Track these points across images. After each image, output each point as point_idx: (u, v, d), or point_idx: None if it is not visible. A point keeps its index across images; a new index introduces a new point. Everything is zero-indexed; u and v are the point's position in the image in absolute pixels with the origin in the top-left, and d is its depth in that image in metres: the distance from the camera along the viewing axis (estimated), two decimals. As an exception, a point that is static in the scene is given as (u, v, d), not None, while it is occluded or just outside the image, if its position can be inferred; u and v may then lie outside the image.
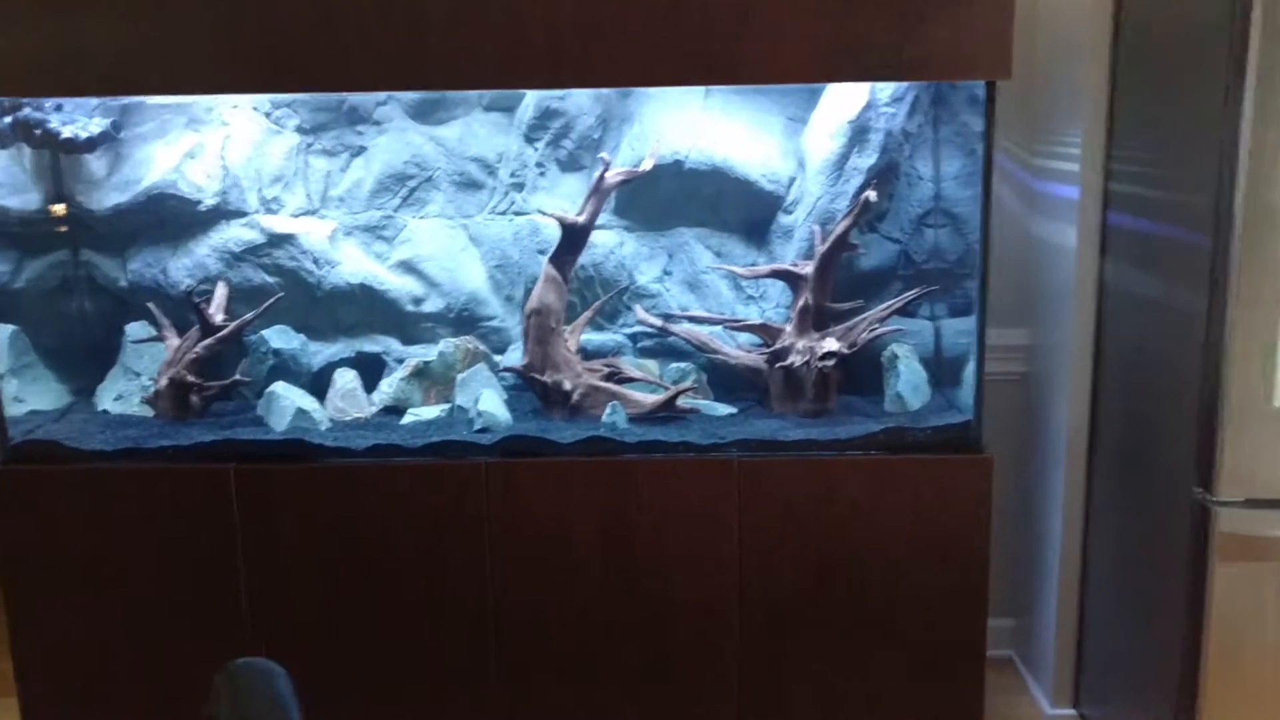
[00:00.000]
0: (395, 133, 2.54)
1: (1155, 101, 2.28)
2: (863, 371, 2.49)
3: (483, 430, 2.33)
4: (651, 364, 2.55)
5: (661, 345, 2.59)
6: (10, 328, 2.47)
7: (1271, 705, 2.09)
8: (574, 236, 2.39)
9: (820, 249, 2.38)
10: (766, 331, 2.44)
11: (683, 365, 2.52)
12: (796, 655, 2.31)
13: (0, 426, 2.30)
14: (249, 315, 2.42)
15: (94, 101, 2.42)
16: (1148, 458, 2.34)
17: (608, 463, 2.25)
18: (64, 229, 2.51)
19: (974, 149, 2.32)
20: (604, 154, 2.40)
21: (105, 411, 2.49)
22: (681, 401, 2.38)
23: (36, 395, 2.50)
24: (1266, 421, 1.98)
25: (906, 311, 2.50)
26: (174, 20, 2.09)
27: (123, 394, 2.50)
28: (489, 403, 2.36)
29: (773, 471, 2.23)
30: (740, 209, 2.56)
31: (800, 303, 2.40)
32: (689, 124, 2.51)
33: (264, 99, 2.49)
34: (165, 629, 2.31)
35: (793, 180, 2.53)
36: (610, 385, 2.40)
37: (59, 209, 2.49)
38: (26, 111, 2.32)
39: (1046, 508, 2.76)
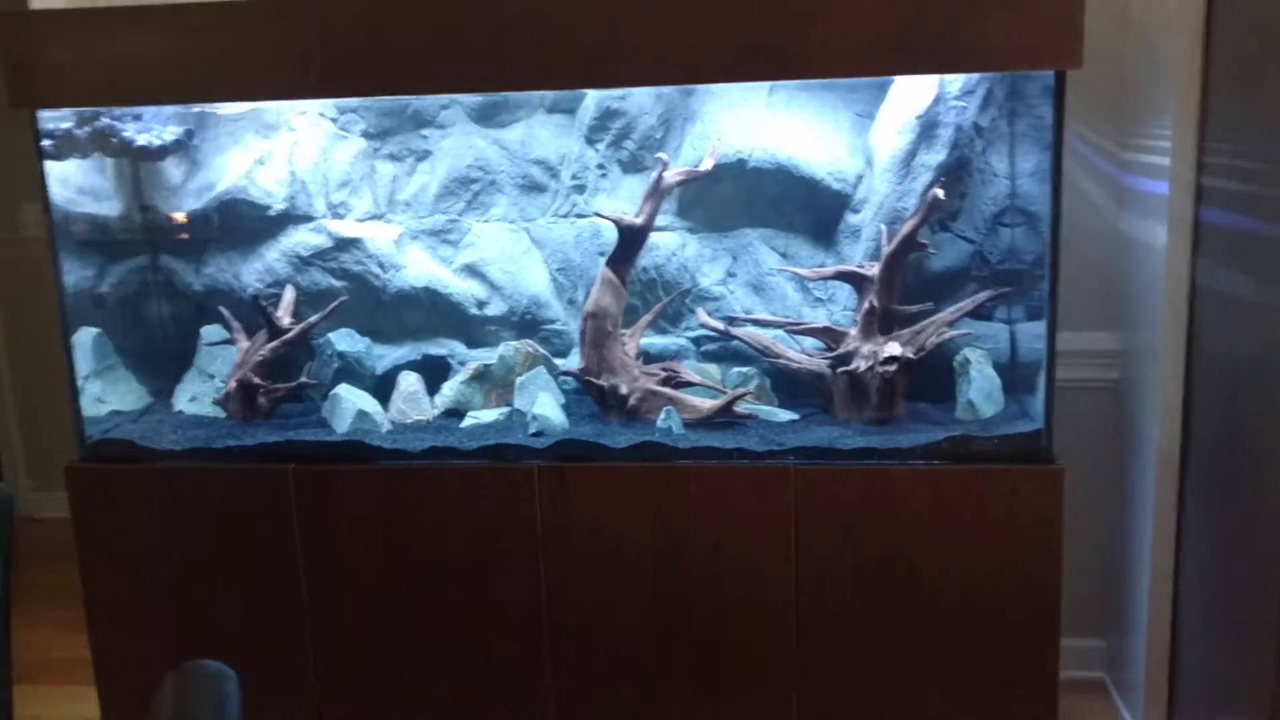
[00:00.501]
0: (459, 136, 2.55)
1: (1252, 90, 2.12)
2: (934, 377, 2.39)
3: (537, 434, 2.31)
4: (713, 368, 2.50)
5: (725, 349, 2.53)
6: (94, 331, 2.56)
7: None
8: (631, 238, 2.35)
9: (886, 249, 2.29)
10: (830, 335, 2.36)
11: (745, 370, 2.46)
12: (855, 670, 2.23)
13: (77, 425, 2.39)
14: (313, 318, 2.46)
15: (169, 111, 2.50)
16: (1243, 471, 2.18)
17: (660, 469, 2.21)
18: (143, 235, 2.59)
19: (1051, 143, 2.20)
20: (662, 154, 2.36)
21: (180, 412, 2.56)
22: (739, 407, 2.32)
23: (118, 396, 2.59)
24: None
25: (981, 315, 2.39)
26: (230, 31, 2.14)
27: (196, 395, 2.57)
28: (544, 406, 2.34)
29: (830, 480, 2.16)
30: (806, 208, 2.48)
31: (865, 305, 2.32)
32: (752, 122, 2.44)
33: (330, 105, 2.53)
34: (231, 623, 2.37)
35: (860, 178, 2.45)
36: (667, 390, 2.36)
37: (138, 215, 2.57)
38: (103, 121, 2.40)
39: (1138, 523, 2.60)
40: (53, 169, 2.40)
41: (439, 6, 2.08)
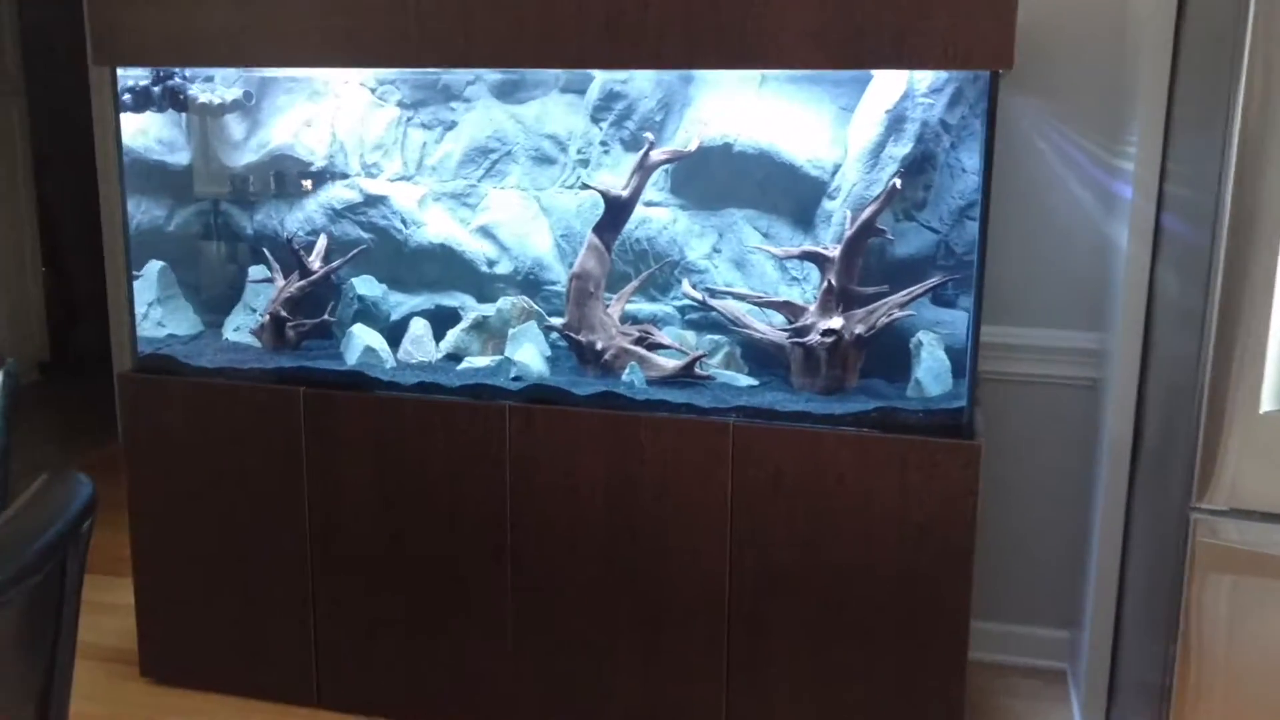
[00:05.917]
0: (481, 110, 2.82)
1: (1203, 100, 2.21)
2: (895, 356, 2.54)
3: (516, 379, 2.56)
4: (691, 335, 2.70)
5: (706, 319, 2.72)
6: (160, 263, 2.93)
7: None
8: (616, 209, 2.58)
9: (847, 233, 2.45)
10: (791, 309, 2.54)
11: (717, 338, 2.65)
12: (781, 612, 2.40)
13: (132, 341, 2.76)
14: (335, 263, 2.77)
15: (235, 74, 2.85)
16: (1167, 467, 2.26)
17: (616, 416, 2.43)
18: (206, 182, 2.96)
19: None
20: (648, 134, 2.58)
21: (226, 340, 2.91)
22: (700, 369, 2.52)
23: (175, 322, 2.95)
24: (1254, 429, 1.91)
25: (945, 302, 2.53)
26: (281, 5, 2.46)
27: (240, 326, 2.91)
28: (526, 355, 2.59)
29: (764, 438, 2.34)
30: (788, 193, 2.66)
31: (825, 284, 2.48)
32: (742, 109, 2.64)
33: (370, 76, 2.83)
34: (246, 518, 2.69)
35: (838, 167, 2.61)
36: (639, 349, 2.58)
37: (203, 164, 2.93)
38: (176, 80, 2.77)
39: (1094, 518, 2.69)
40: (133, 121, 2.78)
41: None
